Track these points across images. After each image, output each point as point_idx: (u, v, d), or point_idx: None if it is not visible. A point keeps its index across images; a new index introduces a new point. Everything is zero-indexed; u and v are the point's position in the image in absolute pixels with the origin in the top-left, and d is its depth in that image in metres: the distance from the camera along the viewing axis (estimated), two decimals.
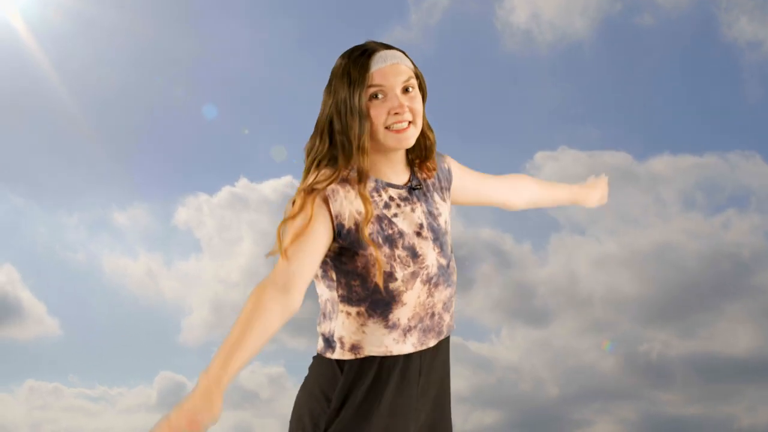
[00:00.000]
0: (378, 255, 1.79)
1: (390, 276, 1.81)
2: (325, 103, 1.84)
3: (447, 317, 1.93)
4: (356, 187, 1.81)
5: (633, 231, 7.15)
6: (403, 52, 1.87)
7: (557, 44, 7.00)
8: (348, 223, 1.80)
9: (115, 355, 6.99)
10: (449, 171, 2.02)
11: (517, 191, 2.21)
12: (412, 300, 1.84)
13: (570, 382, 6.81)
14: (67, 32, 6.35)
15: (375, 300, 1.83)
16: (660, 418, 6.47)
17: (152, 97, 6.77)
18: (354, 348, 1.85)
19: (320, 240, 1.77)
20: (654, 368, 6.74)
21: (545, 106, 7.11)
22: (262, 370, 6.71)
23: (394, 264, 1.82)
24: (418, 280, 1.84)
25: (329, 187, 1.80)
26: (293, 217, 1.76)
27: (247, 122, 6.66)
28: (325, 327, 1.90)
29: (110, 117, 6.85)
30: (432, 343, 1.89)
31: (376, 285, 1.81)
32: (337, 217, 1.80)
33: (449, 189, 2.00)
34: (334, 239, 1.81)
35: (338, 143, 1.82)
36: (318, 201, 1.78)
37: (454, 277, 1.93)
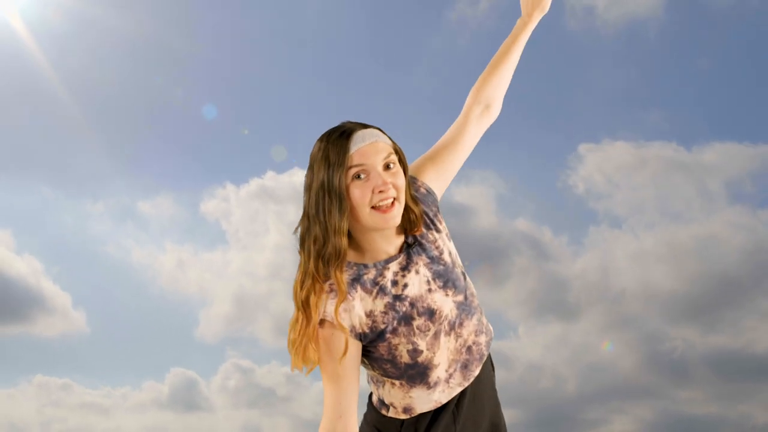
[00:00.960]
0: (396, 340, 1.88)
1: (415, 351, 1.88)
2: (307, 188, 1.84)
3: (482, 338, 1.98)
4: (344, 284, 1.83)
5: (675, 224, 7.02)
6: (380, 129, 1.87)
7: (619, 21, 6.74)
8: (362, 329, 1.86)
9: (135, 352, 6.93)
10: (428, 192, 1.99)
11: (473, 105, 2.09)
12: (444, 356, 1.91)
13: (590, 380, 6.72)
14: (66, 32, 6.33)
15: (410, 375, 1.91)
16: (677, 417, 6.38)
17: (152, 97, 6.75)
18: (407, 410, 1.95)
19: (352, 368, 1.84)
20: (675, 367, 6.64)
21: (603, 91, 6.86)
22: (279, 369, 6.66)
23: (415, 338, 1.87)
24: (442, 335, 1.90)
25: (331, 312, 1.82)
26: (318, 357, 1.82)
27: (247, 122, 6.63)
28: (374, 388, 2.01)
29: (110, 117, 6.83)
30: (477, 371, 1.97)
31: (406, 364, 1.88)
32: (352, 330, 1.84)
33: (438, 211, 1.98)
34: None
35: (314, 237, 1.82)
36: (333, 332, 1.82)
37: (475, 302, 1.97)
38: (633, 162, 7.03)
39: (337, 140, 1.81)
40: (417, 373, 1.90)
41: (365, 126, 1.85)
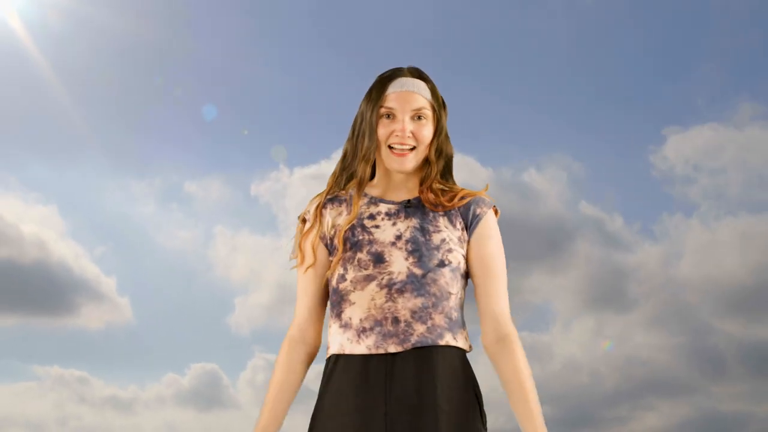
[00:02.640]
0: (337, 257, 1.97)
1: (342, 277, 1.96)
2: (356, 114, 2.06)
3: (420, 327, 1.93)
4: (348, 198, 2.02)
5: (753, 213, 6.73)
6: (430, 85, 2.02)
7: None
8: (330, 234, 2.01)
9: (173, 343, 6.68)
10: (477, 216, 2.01)
11: (496, 332, 1.97)
12: (364, 301, 1.93)
13: (628, 375, 6.49)
14: (64, 33, 6.31)
15: (332, 301, 1.99)
16: (706, 413, 6.20)
17: (151, 98, 6.73)
18: (327, 348, 2.01)
19: (318, 275, 2.01)
20: (715, 361, 6.44)
21: (708, 58, 6.48)
22: (313, 365, 6.42)
23: (348, 266, 1.95)
24: (374, 283, 1.93)
25: (315, 210, 2.03)
26: (298, 252, 2.03)
27: (247, 122, 6.62)
28: None
29: (109, 117, 6.81)
30: (392, 349, 1.92)
31: (332, 288, 1.98)
32: (323, 236, 2.02)
33: (467, 227, 2.01)
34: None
35: (345, 152, 2.04)
36: (310, 230, 2.01)
37: (433, 290, 1.94)
38: (719, 145, 6.70)
39: (383, 79, 2.01)
40: (336, 300, 1.98)
41: (415, 75, 2.02)
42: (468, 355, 1.98)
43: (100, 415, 6.66)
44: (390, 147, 1.98)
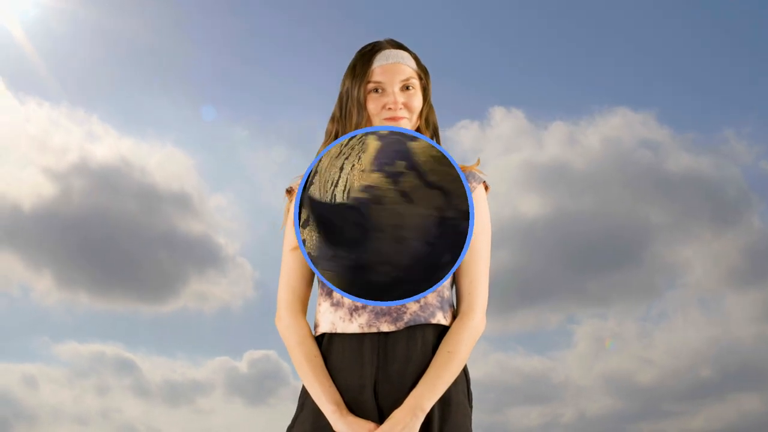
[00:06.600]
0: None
1: None
2: (339, 95, 2.03)
3: (413, 305, 1.94)
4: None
5: None
6: (412, 54, 2.02)
7: None
8: None
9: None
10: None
11: (460, 308, 1.99)
12: None
13: (721, 367, 6.10)
14: (64, 36, 6.34)
15: (322, 281, 1.96)
16: None
17: (151, 99, 6.76)
18: (316, 326, 2.00)
19: (304, 261, 1.97)
20: None
21: None
22: None
23: None
24: None
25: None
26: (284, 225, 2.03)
27: (246, 123, 6.63)
28: None
29: (108, 120, 6.84)
30: (385, 328, 1.92)
31: None
32: None
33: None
34: None
35: (332, 130, 2.01)
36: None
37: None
38: None
39: (365, 54, 2.00)
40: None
41: (396, 46, 2.01)
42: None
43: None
44: (384, 118, 1.95)
